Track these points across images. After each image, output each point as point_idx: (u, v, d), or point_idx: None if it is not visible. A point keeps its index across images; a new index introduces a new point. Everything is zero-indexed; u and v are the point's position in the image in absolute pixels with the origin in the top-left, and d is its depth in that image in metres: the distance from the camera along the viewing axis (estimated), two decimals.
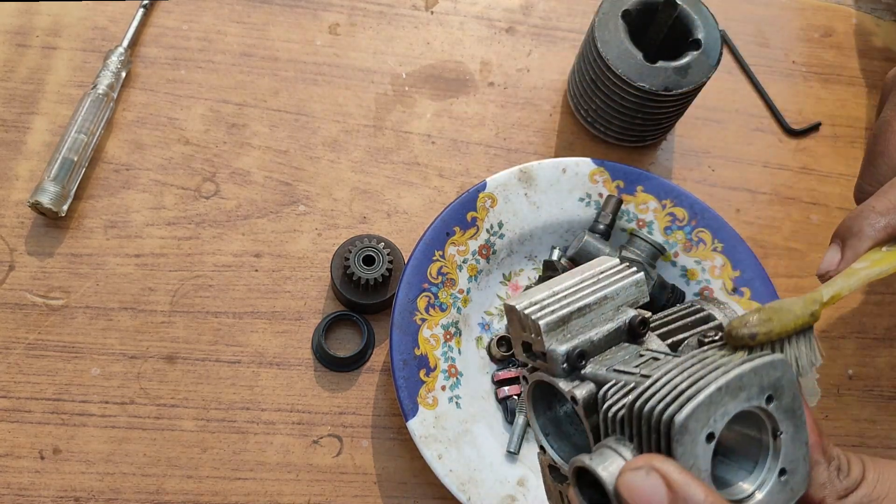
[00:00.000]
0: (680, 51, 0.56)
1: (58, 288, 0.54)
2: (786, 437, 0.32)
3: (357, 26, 0.64)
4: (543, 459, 0.37)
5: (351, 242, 0.54)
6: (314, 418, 0.53)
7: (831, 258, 0.43)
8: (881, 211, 0.42)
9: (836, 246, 0.43)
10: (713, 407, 0.29)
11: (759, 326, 0.32)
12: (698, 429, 0.29)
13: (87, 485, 0.50)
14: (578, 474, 0.32)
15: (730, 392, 0.30)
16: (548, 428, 0.37)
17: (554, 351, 0.34)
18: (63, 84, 0.59)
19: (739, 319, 0.32)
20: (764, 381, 0.31)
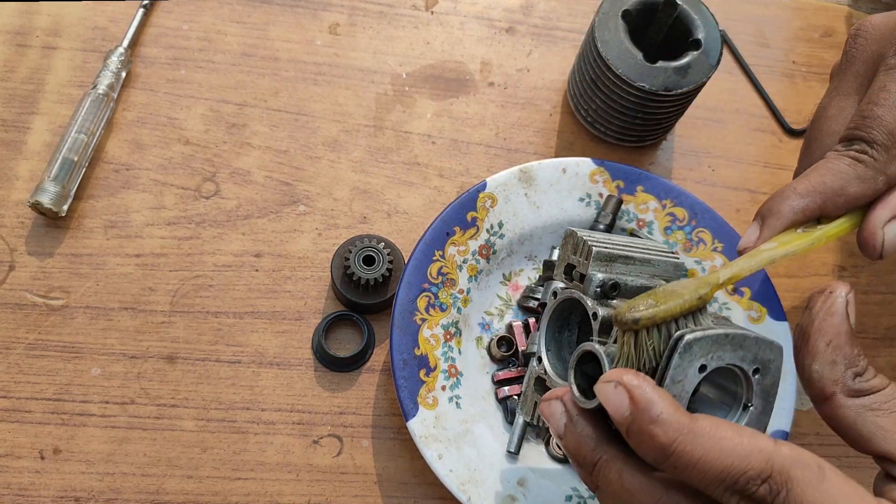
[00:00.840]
0: (680, 51, 0.56)
1: (58, 288, 0.54)
2: (752, 412, 0.36)
3: (357, 26, 0.64)
4: (535, 370, 0.42)
5: (351, 242, 0.54)
6: (314, 418, 0.53)
7: (750, 235, 0.44)
8: (801, 192, 0.43)
9: (757, 223, 0.44)
10: (715, 346, 0.34)
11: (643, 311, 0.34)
12: (698, 355, 0.34)
13: (88, 485, 0.50)
14: (580, 360, 0.37)
15: (732, 343, 0.35)
16: (550, 345, 0.43)
17: (594, 275, 0.40)
18: (63, 84, 0.59)
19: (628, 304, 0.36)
20: (759, 353, 0.36)
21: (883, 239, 0.43)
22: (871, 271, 0.62)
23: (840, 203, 0.43)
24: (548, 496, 0.50)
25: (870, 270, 0.62)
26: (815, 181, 0.43)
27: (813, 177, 0.43)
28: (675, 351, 0.33)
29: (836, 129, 0.47)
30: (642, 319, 0.34)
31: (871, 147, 0.43)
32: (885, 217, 0.43)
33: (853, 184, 0.43)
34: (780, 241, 0.42)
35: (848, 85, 0.47)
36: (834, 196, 0.43)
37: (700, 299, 0.35)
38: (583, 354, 0.37)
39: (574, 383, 0.37)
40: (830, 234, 0.43)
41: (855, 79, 0.47)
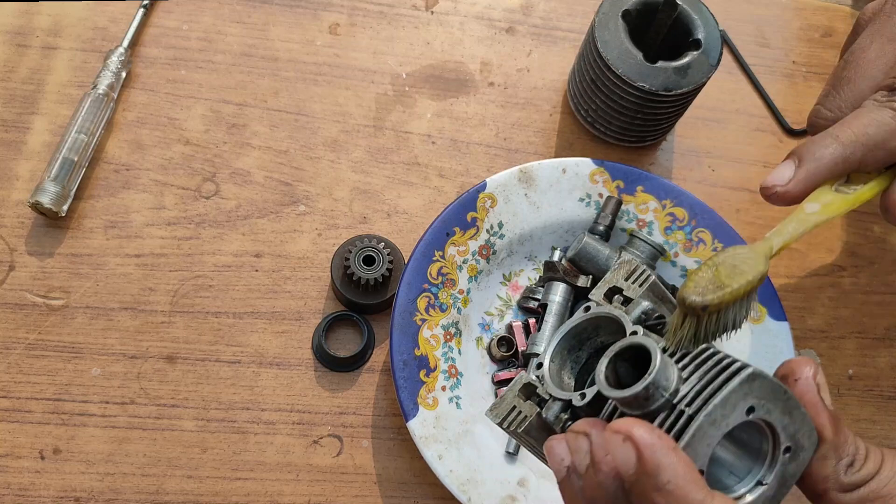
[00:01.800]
0: (680, 51, 0.56)
1: (58, 288, 0.54)
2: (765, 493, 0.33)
3: (357, 26, 0.64)
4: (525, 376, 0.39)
5: (351, 242, 0.54)
6: (314, 418, 0.53)
7: (783, 173, 0.41)
8: (844, 141, 0.41)
9: (792, 163, 0.41)
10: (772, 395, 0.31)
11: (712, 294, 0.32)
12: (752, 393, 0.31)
13: (88, 485, 0.50)
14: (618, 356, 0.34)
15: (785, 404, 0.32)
16: (556, 358, 0.39)
17: (642, 301, 0.37)
18: (63, 84, 0.59)
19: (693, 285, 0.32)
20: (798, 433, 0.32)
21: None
22: (871, 271, 0.62)
23: (880, 157, 0.41)
24: (548, 496, 0.50)
25: (870, 270, 0.62)
26: (858, 131, 0.40)
27: (855, 126, 0.41)
28: (737, 376, 0.30)
29: (874, 73, 0.44)
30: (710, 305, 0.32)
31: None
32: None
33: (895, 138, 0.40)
34: (821, 202, 0.40)
35: (893, 29, 0.44)
36: (875, 149, 0.40)
37: (761, 277, 0.34)
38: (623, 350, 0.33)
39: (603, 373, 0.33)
40: (865, 196, 0.41)
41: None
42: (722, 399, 0.30)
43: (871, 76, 0.44)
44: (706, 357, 0.32)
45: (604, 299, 0.39)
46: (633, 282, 0.38)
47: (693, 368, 0.32)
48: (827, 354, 0.59)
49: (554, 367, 0.39)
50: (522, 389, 0.38)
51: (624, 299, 0.38)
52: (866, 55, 0.45)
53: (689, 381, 0.32)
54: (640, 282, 0.38)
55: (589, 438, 0.32)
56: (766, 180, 0.41)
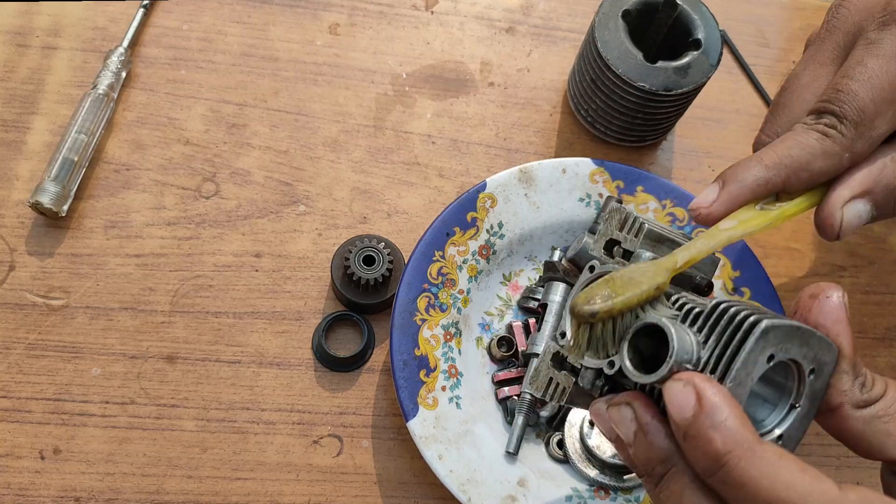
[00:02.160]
0: (680, 51, 0.56)
1: (58, 288, 0.54)
2: (798, 414, 0.35)
3: (357, 26, 0.64)
4: (553, 346, 0.40)
5: (351, 242, 0.54)
6: (314, 418, 0.53)
7: (708, 196, 0.42)
8: (767, 164, 0.42)
9: (717, 186, 0.42)
10: (788, 337, 0.33)
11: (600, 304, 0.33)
12: (770, 344, 0.32)
13: (88, 485, 0.50)
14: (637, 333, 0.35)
15: (800, 337, 0.33)
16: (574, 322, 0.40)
17: (643, 252, 0.38)
18: (63, 84, 0.59)
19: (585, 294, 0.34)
20: (819, 353, 0.34)
21: (841, 219, 0.42)
22: (871, 272, 0.62)
23: (804, 178, 0.42)
24: (548, 496, 0.50)
25: (870, 271, 0.62)
26: (781, 153, 0.42)
27: (780, 148, 0.42)
28: (752, 335, 0.32)
29: (808, 97, 0.45)
30: (600, 312, 0.33)
31: (841, 122, 0.41)
32: (846, 197, 0.42)
33: (819, 159, 0.41)
34: (738, 219, 0.41)
35: (825, 55, 0.46)
36: (799, 170, 0.41)
37: (657, 289, 0.34)
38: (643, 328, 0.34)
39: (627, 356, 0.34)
40: (789, 212, 0.42)
41: (833, 49, 0.45)
42: (742, 361, 0.32)
43: (804, 100, 0.45)
44: (719, 314, 0.33)
45: (604, 254, 0.40)
46: (627, 231, 0.39)
47: (708, 331, 0.33)
48: None
49: None
50: (554, 359, 0.39)
51: (624, 252, 0.39)
52: (800, 80, 0.46)
53: (707, 345, 0.33)
54: (636, 231, 0.39)
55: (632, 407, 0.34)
56: (692, 203, 0.42)
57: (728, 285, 0.55)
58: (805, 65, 0.47)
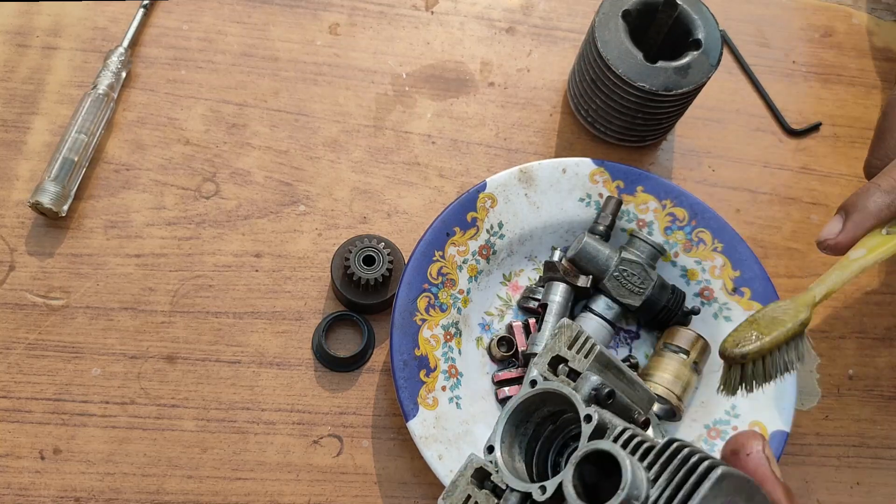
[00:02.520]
0: (680, 51, 0.56)
1: (58, 288, 0.54)
2: None
3: (357, 26, 0.64)
4: (476, 461, 0.37)
5: (351, 242, 0.54)
6: (314, 418, 0.53)
7: (833, 227, 0.43)
8: (886, 189, 0.42)
9: (840, 217, 0.43)
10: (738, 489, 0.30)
11: (751, 345, 0.33)
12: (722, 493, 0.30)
13: (88, 485, 0.50)
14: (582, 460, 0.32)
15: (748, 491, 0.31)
16: (505, 437, 0.37)
17: (591, 375, 0.35)
18: (63, 84, 0.59)
19: (733, 338, 0.34)
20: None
21: None
22: (872, 272, 0.62)
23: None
24: None
25: (870, 271, 0.62)
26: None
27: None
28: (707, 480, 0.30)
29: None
30: (750, 353, 0.34)
31: None
32: None
33: None
34: (866, 246, 0.41)
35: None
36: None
37: (802, 325, 0.35)
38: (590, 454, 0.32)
39: (571, 483, 0.32)
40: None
41: None
42: None
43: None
44: (672, 452, 0.31)
45: (548, 370, 0.37)
46: (577, 351, 0.37)
47: (659, 469, 0.31)
48: (827, 354, 0.59)
49: (505, 448, 0.37)
50: (475, 475, 0.36)
51: (569, 371, 0.37)
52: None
53: (658, 483, 0.31)
54: (586, 352, 0.37)
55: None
56: (819, 235, 0.43)
57: (728, 285, 0.55)
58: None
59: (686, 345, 0.52)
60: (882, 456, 0.57)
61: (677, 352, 0.52)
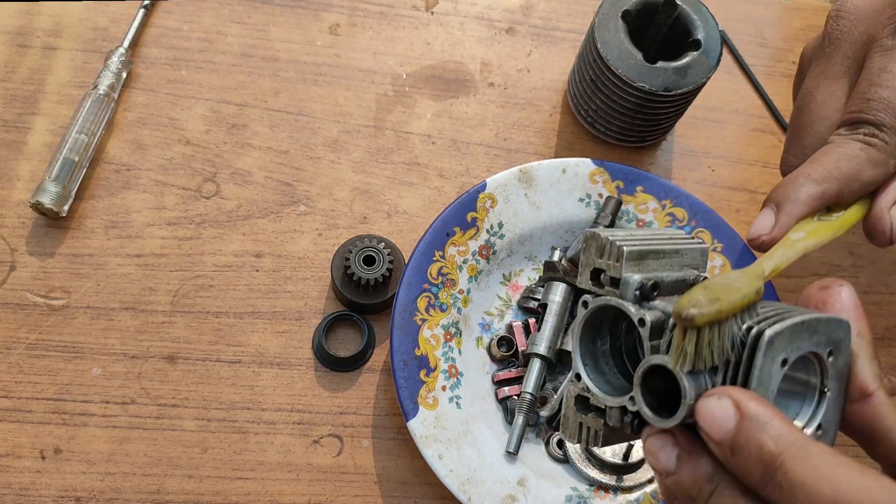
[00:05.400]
0: (680, 51, 0.56)
1: (59, 288, 0.54)
2: (829, 397, 0.34)
3: (357, 27, 0.64)
4: (572, 389, 0.38)
5: (351, 242, 0.54)
6: (315, 418, 0.53)
7: (764, 222, 0.42)
8: (816, 179, 0.42)
9: (770, 210, 0.42)
10: (795, 336, 0.32)
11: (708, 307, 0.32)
12: (780, 349, 0.31)
13: (88, 485, 0.50)
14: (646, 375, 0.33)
15: (807, 329, 0.32)
16: (587, 359, 0.38)
17: (630, 277, 0.35)
18: (64, 84, 0.59)
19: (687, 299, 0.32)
20: (832, 334, 0.33)
21: (891, 223, 0.42)
22: (871, 272, 0.62)
23: (855, 188, 0.42)
24: (548, 496, 0.50)
25: (870, 271, 0.62)
26: (829, 166, 0.42)
27: (826, 162, 0.42)
28: (758, 349, 0.31)
29: (828, 114, 0.45)
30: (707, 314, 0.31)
31: (881, 130, 0.41)
32: (891, 201, 0.43)
33: (867, 168, 0.41)
34: (804, 230, 0.41)
35: (835, 68, 0.46)
36: (850, 182, 0.41)
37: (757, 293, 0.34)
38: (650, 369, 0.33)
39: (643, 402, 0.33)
40: (850, 220, 0.42)
41: (842, 61, 0.45)
42: (757, 379, 0.31)
43: (825, 117, 0.45)
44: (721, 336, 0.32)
45: (591, 284, 0.38)
46: (608, 258, 0.37)
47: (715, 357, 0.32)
48: None
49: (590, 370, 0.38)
50: (578, 403, 0.38)
51: (611, 279, 0.37)
52: (816, 98, 0.46)
53: (718, 371, 0.32)
54: (616, 256, 0.37)
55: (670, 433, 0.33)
56: (751, 232, 0.42)
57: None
58: (816, 81, 0.47)
59: None
60: None
61: None
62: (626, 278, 0.36)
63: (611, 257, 0.37)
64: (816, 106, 0.46)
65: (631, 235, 0.38)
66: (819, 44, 0.48)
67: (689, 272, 0.38)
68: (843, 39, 0.46)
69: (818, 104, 0.46)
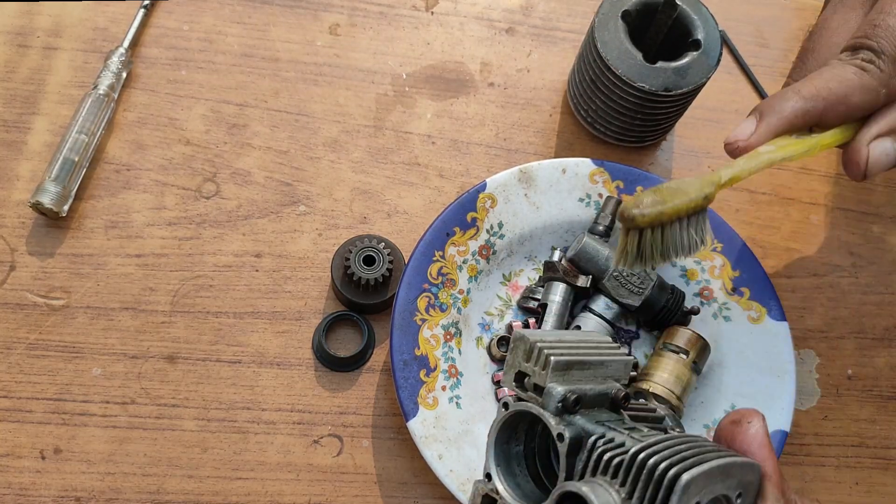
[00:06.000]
0: (680, 51, 0.56)
1: (59, 288, 0.54)
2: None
3: (357, 27, 0.64)
4: (481, 488, 0.37)
5: (351, 242, 0.54)
6: (314, 418, 0.53)
7: (745, 128, 0.41)
8: (805, 95, 0.41)
9: (753, 118, 0.42)
10: (709, 480, 0.31)
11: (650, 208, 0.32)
12: (694, 493, 0.31)
13: (88, 485, 0.50)
14: (561, 500, 0.33)
15: (722, 473, 0.32)
16: (499, 460, 0.38)
17: (554, 388, 0.35)
18: (64, 84, 0.59)
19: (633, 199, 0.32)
20: (743, 477, 0.33)
21: (867, 156, 0.42)
22: (871, 272, 0.62)
23: (840, 111, 0.41)
24: None
25: (869, 271, 0.62)
26: (819, 85, 0.41)
27: (818, 81, 0.41)
28: (674, 493, 0.31)
29: (838, 41, 0.45)
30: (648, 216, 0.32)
31: (879, 57, 0.41)
32: (873, 134, 0.42)
33: (856, 93, 0.41)
34: (776, 144, 0.40)
35: None
36: (836, 103, 0.41)
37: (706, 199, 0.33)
38: (564, 495, 0.33)
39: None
40: (825, 142, 0.41)
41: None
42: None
43: (834, 44, 0.45)
44: (638, 467, 0.32)
45: (515, 386, 0.37)
46: (534, 364, 0.36)
47: (631, 485, 0.32)
48: (826, 354, 0.59)
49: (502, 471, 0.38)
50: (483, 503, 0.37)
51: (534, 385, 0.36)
52: (829, 25, 0.46)
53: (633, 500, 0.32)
54: (542, 363, 0.36)
55: None
56: (729, 136, 0.41)
57: (728, 285, 0.56)
58: (834, 9, 0.46)
59: (686, 345, 0.52)
60: (881, 456, 0.57)
61: (677, 352, 0.52)
62: (550, 389, 0.35)
63: (537, 364, 0.36)
64: (828, 32, 0.46)
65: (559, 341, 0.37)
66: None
67: (611, 385, 0.38)
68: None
69: (829, 31, 0.46)
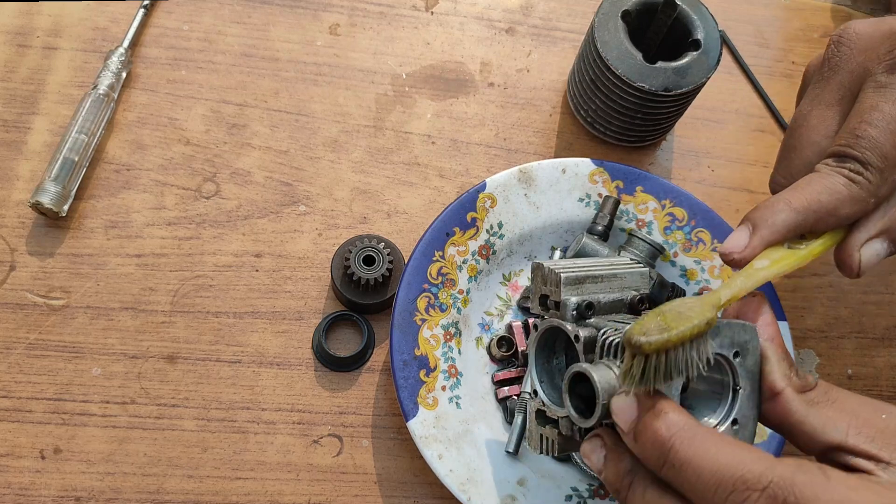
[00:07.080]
0: (680, 51, 0.56)
1: (58, 288, 0.54)
2: (742, 394, 0.38)
3: (357, 27, 0.64)
4: (533, 404, 0.44)
5: (351, 242, 0.54)
6: (314, 418, 0.53)
7: (739, 240, 0.43)
8: (796, 208, 0.42)
9: (747, 229, 0.43)
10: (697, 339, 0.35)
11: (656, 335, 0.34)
12: None
13: (88, 484, 0.50)
14: (572, 383, 0.39)
15: (709, 333, 0.35)
16: (543, 376, 0.44)
17: (568, 300, 0.41)
18: (64, 84, 0.59)
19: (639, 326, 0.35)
20: (735, 337, 0.37)
21: (860, 260, 0.44)
22: (871, 272, 0.62)
23: (831, 222, 0.43)
24: (548, 496, 0.50)
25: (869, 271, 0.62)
26: (810, 198, 0.42)
27: (808, 192, 0.43)
28: None
29: (818, 139, 0.46)
30: (655, 343, 0.34)
31: (866, 169, 0.42)
32: (863, 238, 0.44)
33: (846, 205, 0.42)
34: (770, 258, 0.42)
35: (831, 95, 0.46)
36: (827, 215, 0.42)
37: (707, 324, 0.35)
38: (574, 376, 0.38)
39: (571, 406, 0.39)
40: (817, 251, 0.43)
41: (838, 89, 0.46)
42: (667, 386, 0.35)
43: (814, 142, 0.46)
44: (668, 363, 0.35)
45: (540, 308, 0.44)
46: (550, 285, 0.43)
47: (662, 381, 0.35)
48: (826, 354, 0.59)
49: (546, 386, 0.44)
50: (538, 417, 0.43)
51: (555, 304, 0.42)
52: (809, 122, 0.47)
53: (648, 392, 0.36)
54: (554, 283, 0.42)
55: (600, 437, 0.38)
56: (723, 247, 0.43)
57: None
58: (811, 105, 0.47)
59: None
60: None
61: None
62: (565, 300, 0.42)
63: (552, 284, 0.43)
64: (808, 130, 0.47)
65: (572, 264, 0.44)
66: (819, 66, 0.48)
67: (627, 293, 0.44)
68: (842, 67, 0.46)
69: (809, 129, 0.47)
